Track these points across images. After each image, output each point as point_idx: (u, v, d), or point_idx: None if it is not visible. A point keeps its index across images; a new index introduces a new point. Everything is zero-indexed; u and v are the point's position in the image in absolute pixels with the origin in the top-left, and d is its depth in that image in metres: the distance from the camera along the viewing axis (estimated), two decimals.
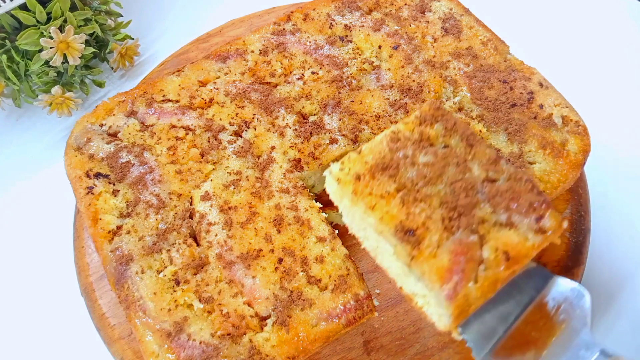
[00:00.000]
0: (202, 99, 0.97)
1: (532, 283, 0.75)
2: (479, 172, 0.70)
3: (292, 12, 1.08)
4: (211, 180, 0.89)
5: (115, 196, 0.87)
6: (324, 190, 1.04)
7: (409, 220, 0.65)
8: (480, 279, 0.63)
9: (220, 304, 0.77)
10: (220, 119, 0.95)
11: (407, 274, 0.67)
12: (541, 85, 0.98)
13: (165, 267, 0.80)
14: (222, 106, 0.97)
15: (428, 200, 0.66)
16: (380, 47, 1.03)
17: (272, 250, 0.82)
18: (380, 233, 0.67)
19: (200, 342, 0.74)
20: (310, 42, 1.04)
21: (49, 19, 1.04)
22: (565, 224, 0.68)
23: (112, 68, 1.23)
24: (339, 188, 0.72)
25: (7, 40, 1.05)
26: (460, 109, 0.96)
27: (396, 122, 0.95)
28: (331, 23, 1.06)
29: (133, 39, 1.24)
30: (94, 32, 1.12)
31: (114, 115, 0.96)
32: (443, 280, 0.63)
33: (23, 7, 1.03)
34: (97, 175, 0.88)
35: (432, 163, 0.69)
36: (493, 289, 0.64)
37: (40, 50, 1.02)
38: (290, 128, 0.94)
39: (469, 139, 0.72)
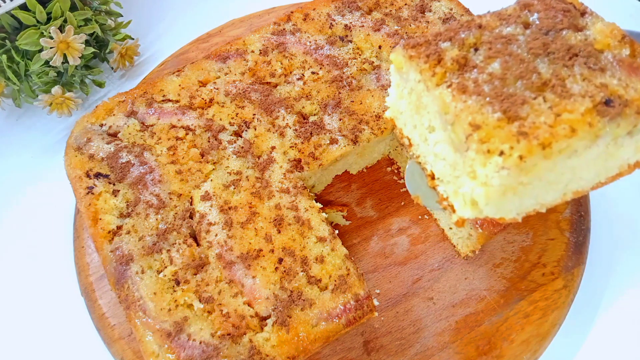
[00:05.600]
0: (202, 99, 0.97)
1: None
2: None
3: (292, 12, 1.08)
4: (211, 180, 0.89)
5: (115, 196, 0.87)
6: (324, 190, 1.05)
7: None
8: None
9: (220, 304, 0.77)
10: (221, 119, 0.95)
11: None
12: None
13: (165, 267, 0.80)
14: (222, 106, 0.97)
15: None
16: (380, 47, 1.03)
17: (272, 250, 0.82)
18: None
19: (200, 342, 0.74)
20: (310, 42, 1.04)
21: (49, 19, 1.04)
22: None
23: (112, 68, 1.23)
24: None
25: (7, 40, 1.05)
26: None
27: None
28: (331, 23, 1.06)
29: (133, 39, 1.24)
30: (94, 32, 1.12)
31: (114, 115, 0.96)
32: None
33: (23, 7, 1.03)
34: (97, 175, 0.88)
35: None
36: None
37: (40, 50, 1.02)
38: (290, 128, 0.94)
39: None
